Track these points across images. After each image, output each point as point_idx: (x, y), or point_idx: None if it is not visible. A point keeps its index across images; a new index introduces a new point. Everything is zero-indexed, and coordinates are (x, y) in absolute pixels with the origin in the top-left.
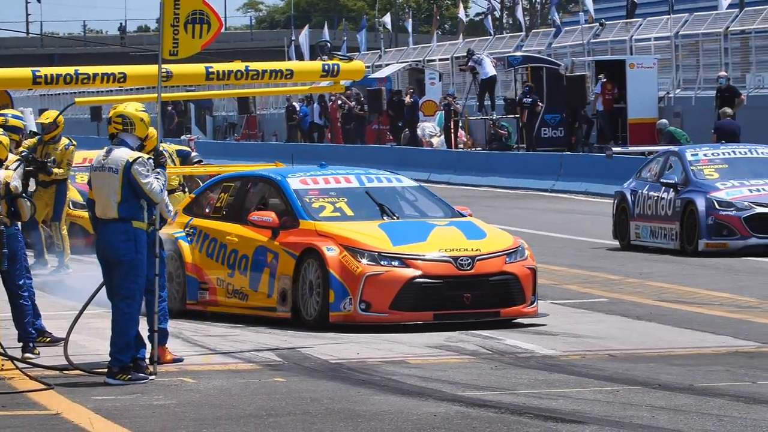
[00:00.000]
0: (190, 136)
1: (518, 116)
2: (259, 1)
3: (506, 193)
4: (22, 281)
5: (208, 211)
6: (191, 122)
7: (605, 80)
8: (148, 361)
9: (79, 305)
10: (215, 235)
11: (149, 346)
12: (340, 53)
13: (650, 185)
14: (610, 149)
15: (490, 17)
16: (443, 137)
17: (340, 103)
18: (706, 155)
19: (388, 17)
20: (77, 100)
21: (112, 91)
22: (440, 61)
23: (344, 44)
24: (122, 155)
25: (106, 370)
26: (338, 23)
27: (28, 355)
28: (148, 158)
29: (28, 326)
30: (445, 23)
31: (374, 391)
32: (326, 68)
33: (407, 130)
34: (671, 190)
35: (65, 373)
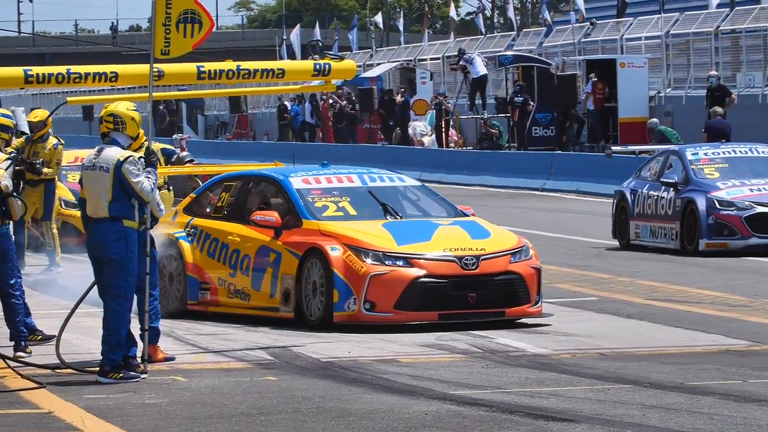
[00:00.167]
0: (181, 135)
1: (509, 115)
2: (250, 0)
3: (497, 192)
4: (13, 280)
5: (209, 210)
6: (183, 121)
7: (596, 79)
8: (139, 359)
9: (70, 304)
10: (217, 234)
11: (140, 344)
12: (331, 53)
13: (650, 184)
14: (609, 148)
15: (481, 16)
16: (434, 136)
17: (331, 102)
18: (706, 154)
19: (379, 16)
20: (69, 99)
21: (103, 90)
22: (431, 60)
23: (335, 43)
24: (113, 154)
25: (97, 368)
26: (329, 22)
27: (20, 353)
28: (139, 157)
29: (20, 325)
30: (436, 22)
31: (365, 389)
32: (317, 67)
33: (398, 129)
34: (671, 189)
35: (57, 371)
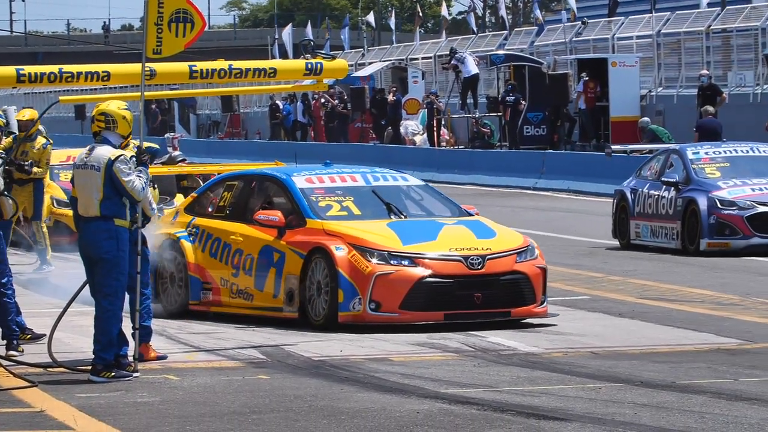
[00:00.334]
0: (173, 134)
1: (501, 114)
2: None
3: (489, 191)
4: (5, 279)
5: (210, 210)
6: (175, 120)
7: (587, 78)
8: (130, 358)
9: (62, 303)
10: (219, 234)
11: (132, 343)
12: (323, 52)
13: (650, 184)
14: (609, 147)
15: (472, 15)
16: (426, 135)
17: (323, 101)
18: (707, 153)
19: (371, 16)
20: (61, 98)
21: (96, 89)
22: (423, 59)
23: (327, 43)
24: (104, 153)
25: (89, 367)
26: (321, 22)
27: (12, 352)
28: (130, 156)
29: (11, 324)
30: (427, 22)
31: (357, 388)
32: (309, 67)
33: (390, 128)
34: (672, 188)
35: (49, 370)
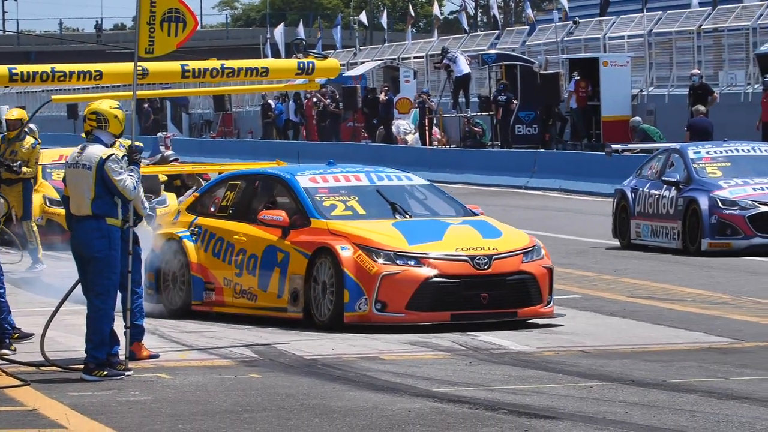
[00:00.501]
0: (166, 133)
1: (493, 114)
2: None
3: (480, 190)
4: None
5: (213, 210)
6: (167, 120)
7: (579, 78)
8: (122, 357)
9: (55, 302)
10: (222, 234)
11: (123, 342)
12: (315, 51)
13: (651, 183)
14: (609, 146)
15: (464, 14)
16: (418, 135)
17: (315, 100)
18: (708, 153)
19: (363, 15)
20: (54, 97)
21: (88, 88)
22: (415, 58)
23: (319, 42)
24: (96, 152)
25: (82, 366)
26: (313, 21)
27: (4, 351)
28: (122, 156)
29: (4, 323)
30: (419, 21)
31: (349, 387)
32: (301, 66)
33: (382, 127)
34: (673, 188)
35: (42, 369)
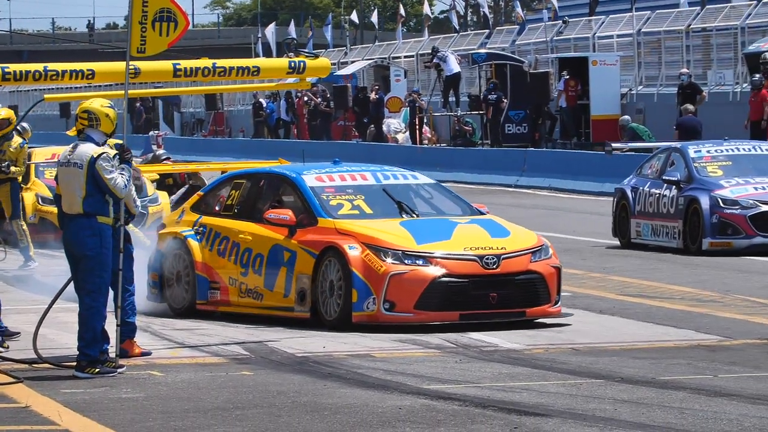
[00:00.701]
0: (158, 132)
1: (483, 113)
2: None
3: (471, 188)
4: None
5: (218, 209)
6: (159, 118)
7: (568, 77)
8: (112, 354)
9: (47, 299)
10: (227, 233)
11: (112, 340)
12: (306, 50)
13: (652, 182)
14: (609, 145)
15: (454, 14)
16: (408, 133)
17: (306, 99)
18: (709, 152)
19: (354, 14)
20: (46, 96)
21: (81, 87)
22: (405, 58)
23: (310, 41)
24: (87, 150)
25: (74, 363)
26: (305, 20)
27: None
28: (114, 155)
29: None
30: (410, 20)
31: (340, 384)
32: (292, 65)
33: (372, 126)
34: (674, 187)
35: (34, 366)
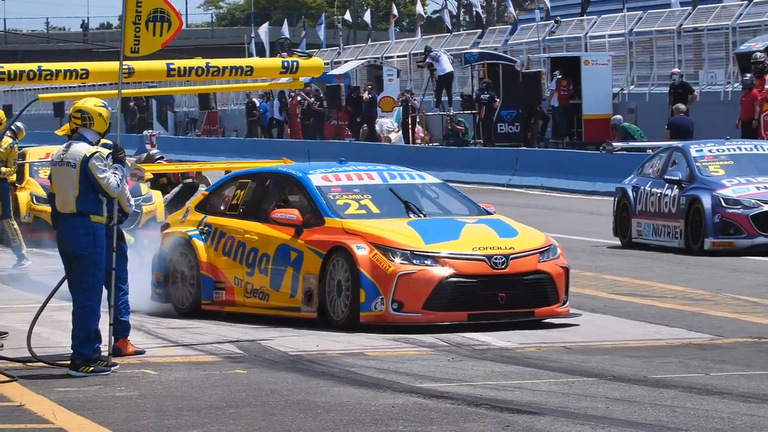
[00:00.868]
0: (152, 131)
1: (475, 112)
2: None
3: (463, 187)
4: None
5: (223, 208)
6: (153, 118)
7: (560, 77)
8: (105, 353)
9: (41, 298)
10: (232, 233)
11: (104, 339)
12: (299, 50)
13: (653, 181)
14: (610, 144)
15: (447, 13)
16: (401, 133)
17: (299, 99)
18: (711, 151)
19: (347, 14)
20: (41, 96)
21: (75, 87)
22: (398, 57)
23: (303, 41)
24: (80, 150)
25: (68, 362)
26: (298, 20)
27: None
28: (108, 154)
29: None
30: (403, 20)
31: (333, 382)
32: (286, 65)
33: (365, 125)
34: (675, 186)
35: (28, 365)
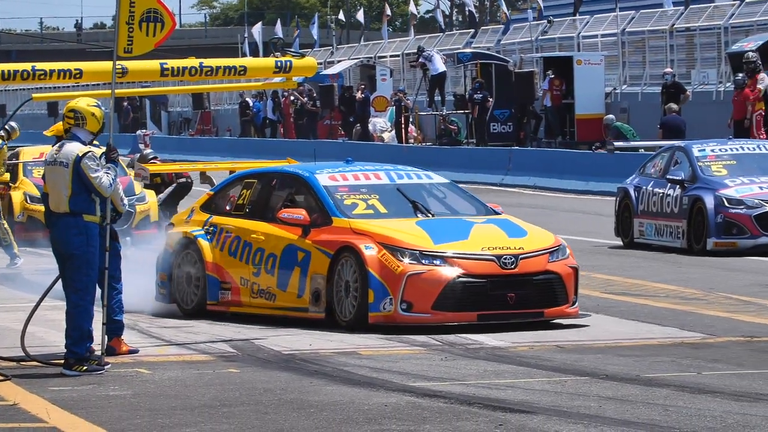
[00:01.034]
0: (145, 131)
1: (468, 112)
2: None
3: None
4: None
5: (228, 208)
6: (146, 118)
7: (553, 76)
8: (97, 352)
9: (35, 297)
10: (238, 233)
11: (97, 338)
12: (292, 50)
13: (655, 181)
14: (611, 144)
15: (440, 13)
16: (394, 132)
17: (292, 98)
18: (713, 151)
19: (341, 14)
20: (35, 95)
21: (69, 87)
22: (391, 57)
23: (296, 41)
24: (73, 149)
25: (62, 361)
26: (291, 20)
27: None
28: (101, 154)
29: None
30: (396, 20)
31: (326, 381)
32: (279, 65)
33: (359, 125)
34: (678, 186)
35: (22, 364)
